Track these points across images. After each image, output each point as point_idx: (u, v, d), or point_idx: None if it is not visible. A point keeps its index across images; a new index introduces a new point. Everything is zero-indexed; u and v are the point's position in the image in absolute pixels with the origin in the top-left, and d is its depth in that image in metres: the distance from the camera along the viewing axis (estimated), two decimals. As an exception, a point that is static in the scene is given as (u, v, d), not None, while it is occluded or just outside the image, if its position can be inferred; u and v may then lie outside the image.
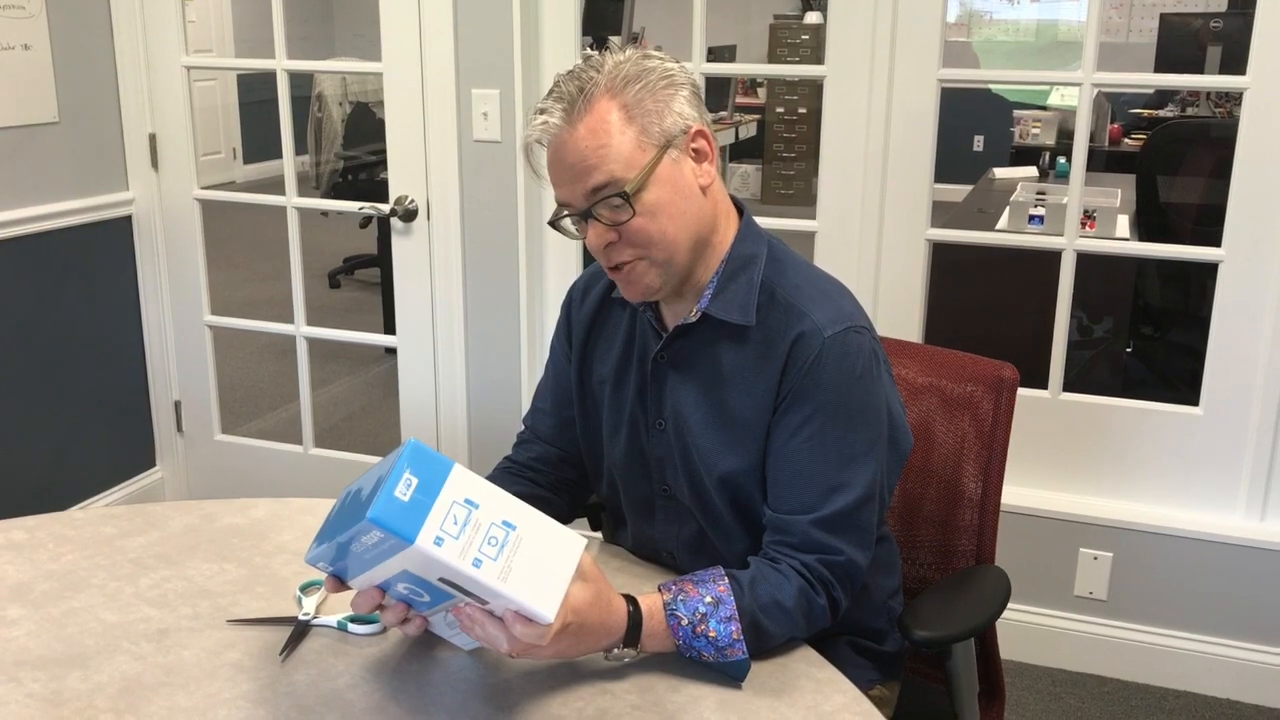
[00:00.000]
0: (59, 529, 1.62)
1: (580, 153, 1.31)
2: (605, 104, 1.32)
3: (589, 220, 1.34)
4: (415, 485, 1.11)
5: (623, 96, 1.32)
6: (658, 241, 1.34)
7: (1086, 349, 3.81)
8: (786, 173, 8.79)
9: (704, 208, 1.38)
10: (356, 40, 9.58)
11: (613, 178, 1.31)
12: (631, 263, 1.36)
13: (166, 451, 3.45)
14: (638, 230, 1.33)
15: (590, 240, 1.35)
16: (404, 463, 1.11)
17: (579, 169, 1.32)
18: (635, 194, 1.31)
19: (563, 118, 1.33)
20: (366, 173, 5.55)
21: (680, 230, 1.35)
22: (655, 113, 1.33)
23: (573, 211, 1.36)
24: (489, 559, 1.12)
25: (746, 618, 1.28)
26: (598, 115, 1.31)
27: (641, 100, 1.32)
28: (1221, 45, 5.84)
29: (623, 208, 1.32)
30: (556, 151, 1.34)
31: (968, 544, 1.71)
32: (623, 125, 1.31)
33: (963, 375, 1.72)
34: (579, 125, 1.32)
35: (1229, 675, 2.60)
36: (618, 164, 1.31)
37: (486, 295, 2.98)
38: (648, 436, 1.49)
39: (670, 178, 1.34)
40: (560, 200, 1.37)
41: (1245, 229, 2.46)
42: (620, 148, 1.31)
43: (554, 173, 1.36)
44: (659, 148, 1.33)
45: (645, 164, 1.32)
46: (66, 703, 1.22)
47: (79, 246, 3.12)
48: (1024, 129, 5.85)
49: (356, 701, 1.23)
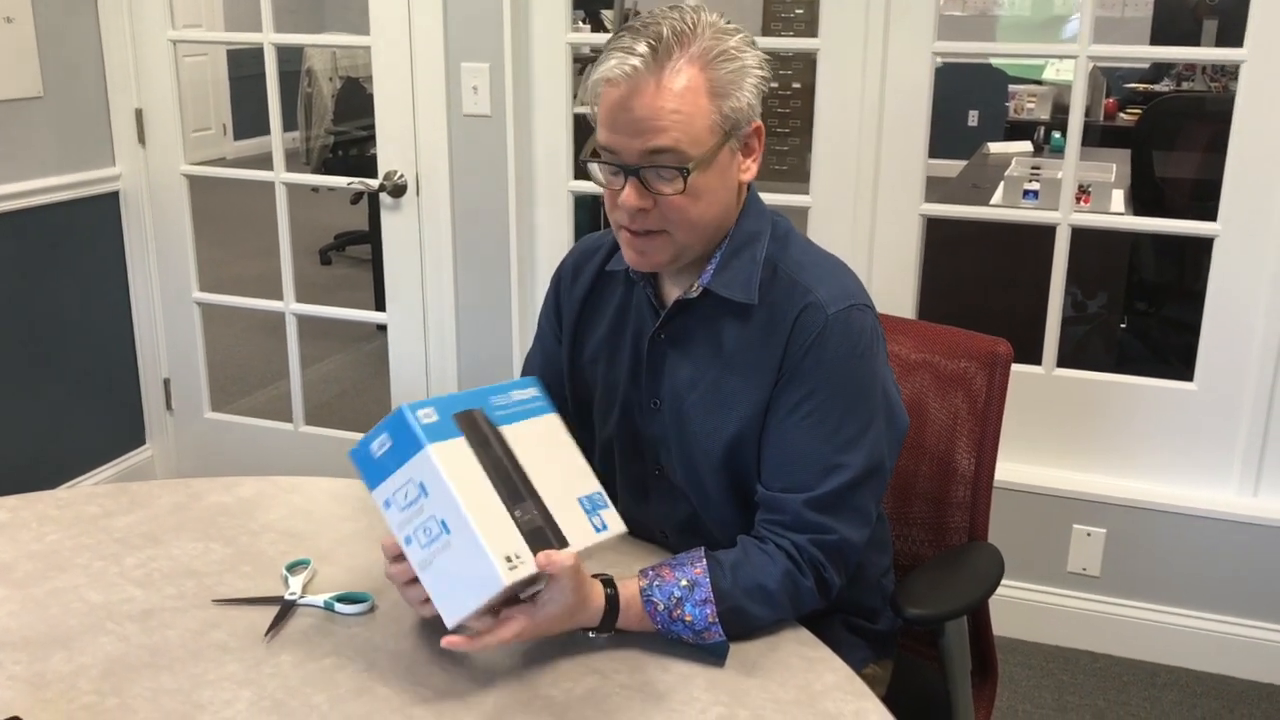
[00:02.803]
0: (43, 508, 1.60)
1: (656, 109, 1.25)
2: (695, 71, 1.26)
3: (632, 178, 1.29)
4: (387, 448, 1.21)
5: (712, 70, 1.27)
6: (690, 224, 1.32)
7: (1081, 325, 3.80)
8: (780, 148, 8.75)
9: (734, 202, 1.37)
10: (346, 14, 9.48)
11: (677, 147, 1.26)
12: (653, 234, 1.33)
13: (156, 429, 3.43)
14: (677, 208, 1.30)
15: (625, 198, 1.29)
16: (385, 425, 1.20)
17: (647, 125, 1.26)
18: (692, 173, 1.28)
19: (646, 65, 1.25)
20: (357, 148, 5.51)
21: (711, 220, 1.34)
22: (733, 96, 1.29)
23: (619, 162, 1.29)
24: (419, 544, 1.19)
25: (726, 601, 1.27)
26: (686, 79, 1.26)
27: (727, 81, 1.28)
28: (1217, 19, 5.82)
29: (674, 181, 1.28)
30: (629, 96, 1.26)
31: (961, 520, 1.70)
32: (703, 99, 1.27)
33: (956, 351, 1.70)
34: (664, 80, 1.25)
35: (1221, 650, 2.60)
36: (687, 136, 1.26)
37: (477, 270, 2.95)
38: (642, 417, 1.47)
39: (723, 166, 1.32)
40: (609, 145, 1.29)
41: (1241, 203, 2.44)
42: (694, 120, 1.26)
43: (616, 116, 1.27)
44: (725, 133, 1.30)
45: (711, 146, 1.28)
46: (49, 684, 1.21)
47: (66, 223, 3.08)
48: (1019, 104, 5.83)
49: (343, 682, 1.22)
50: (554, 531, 1.22)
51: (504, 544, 1.17)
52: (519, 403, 1.30)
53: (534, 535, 1.20)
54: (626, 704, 1.19)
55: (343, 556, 1.49)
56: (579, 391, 1.54)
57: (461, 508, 1.16)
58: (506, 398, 1.30)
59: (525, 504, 1.22)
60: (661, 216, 1.31)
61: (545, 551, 1.19)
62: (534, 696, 1.20)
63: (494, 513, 1.18)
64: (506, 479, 1.22)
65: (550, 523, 1.23)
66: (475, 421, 1.24)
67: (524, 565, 1.18)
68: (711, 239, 1.37)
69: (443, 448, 1.18)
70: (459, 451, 1.20)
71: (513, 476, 1.23)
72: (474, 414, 1.24)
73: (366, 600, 1.36)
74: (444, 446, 1.18)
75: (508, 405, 1.29)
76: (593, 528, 1.27)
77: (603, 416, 1.51)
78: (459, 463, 1.19)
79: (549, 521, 1.23)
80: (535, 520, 1.21)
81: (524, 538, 1.19)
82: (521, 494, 1.22)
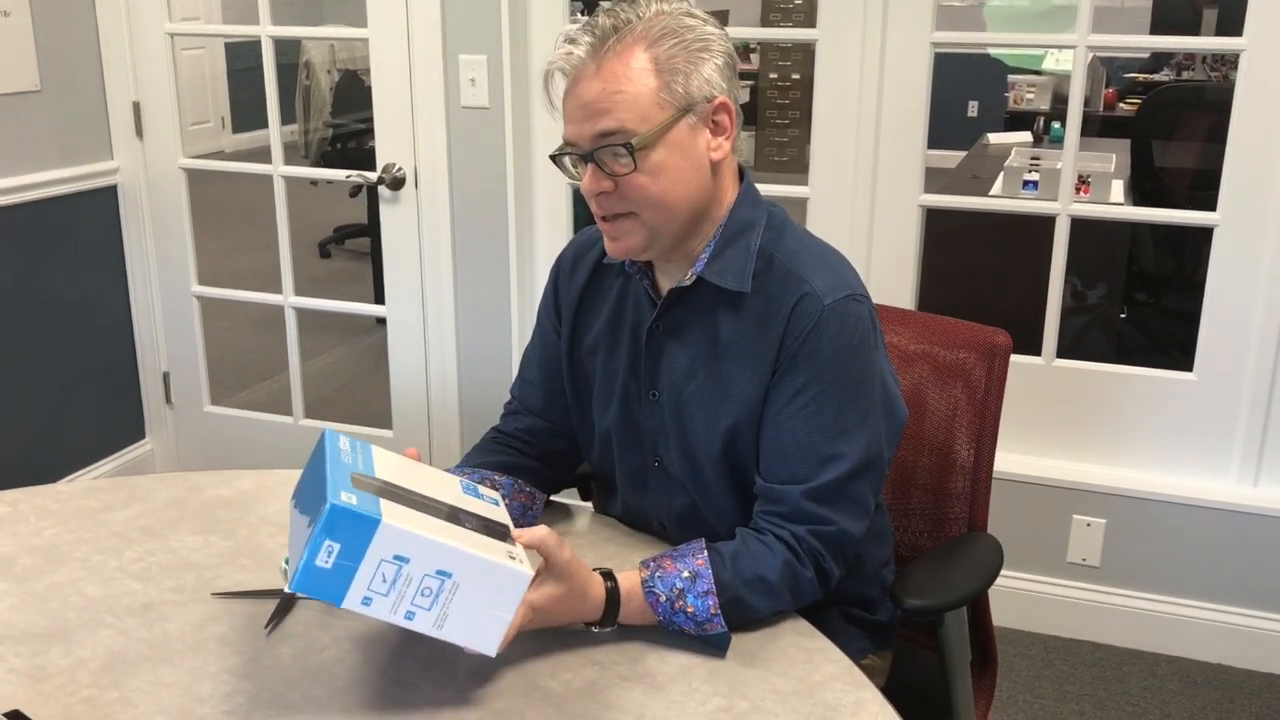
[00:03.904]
0: (41, 502, 1.60)
1: (597, 93, 1.28)
2: (636, 50, 1.29)
3: (589, 163, 1.31)
4: (337, 551, 1.09)
5: (655, 48, 1.29)
6: (655, 203, 1.32)
7: (1081, 315, 3.80)
8: (780, 139, 8.73)
9: (709, 181, 1.36)
10: (344, 6, 9.47)
11: (623, 127, 1.28)
12: (621, 217, 1.34)
13: (156, 423, 3.43)
14: (636, 187, 1.31)
15: (585, 185, 1.33)
16: (323, 531, 1.08)
17: (592, 109, 1.29)
18: (641, 149, 1.28)
19: (588, 52, 1.30)
20: (356, 141, 5.50)
21: (680, 199, 1.33)
22: (683, 73, 1.30)
23: (576, 151, 1.32)
24: (422, 609, 1.13)
25: (727, 592, 1.27)
26: (625, 60, 1.28)
27: (673, 56, 1.29)
28: (1217, 8, 5.81)
29: (625, 159, 1.29)
30: (574, 85, 1.31)
31: (960, 511, 1.70)
32: (647, 77, 1.28)
33: (955, 342, 1.70)
34: (604, 65, 1.29)
35: (1221, 640, 2.61)
36: (631, 114, 1.28)
37: (476, 263, 2.95)
38: (641, 408, 1.47)
39: (682, 143, 1.31)
40: (567, 137, 1.33)
41: (1240, 193, 2.44)
42: (639, 99, 1.28)
43: (567, 106, 1.32)
44: (678, 109, 1.30)
45: (660, 122, 1.29)
46: (49, 677, 1.21)
47: (64, 216, 3.08)
48: (1018, 94, 5.82)
49: (342, 675, 1.22)
50: (494, 526, 1.22)
51: (496, 550, 1.17)
52: (353, 454, 1.22)
53: (495, 533, 1.20)
54: (626, 695, 1.19)
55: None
56: (578, 383, 1.54)
57: (449, 545, 1.13)
58: (343, 457, 1.20)
59: (459, 516, 1.20)
60: (623, 197, 1.32)
61: (516, 531, 1.21)
62: (533, 688, 1.20)
63: (459, 534, 1.17)
64: (431, 508, 1.19)
65: (485, 521, 1.22)
66: (365, 481, 1.17)
67: (521, 556, 1.18)
68: (692, 222, 1.36)
69: (387, 510, 1.12)
70: (394, 508, 1.14)
71: (432, 504, 1.20)
72: (358, 478, 1.17)
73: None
74: (386, 509, 1.12)
75: (352, 461, 1.20)
76: (494, 505, 1.27)
77: (602, 408, 1.51)
78: (405, 515, 1.14)
79: (483, 521, 1.22)
80: (479, 524, 1.21)
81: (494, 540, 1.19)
82: (450, 512, 1.20)
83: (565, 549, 1.22)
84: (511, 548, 1.19)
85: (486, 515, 1.24)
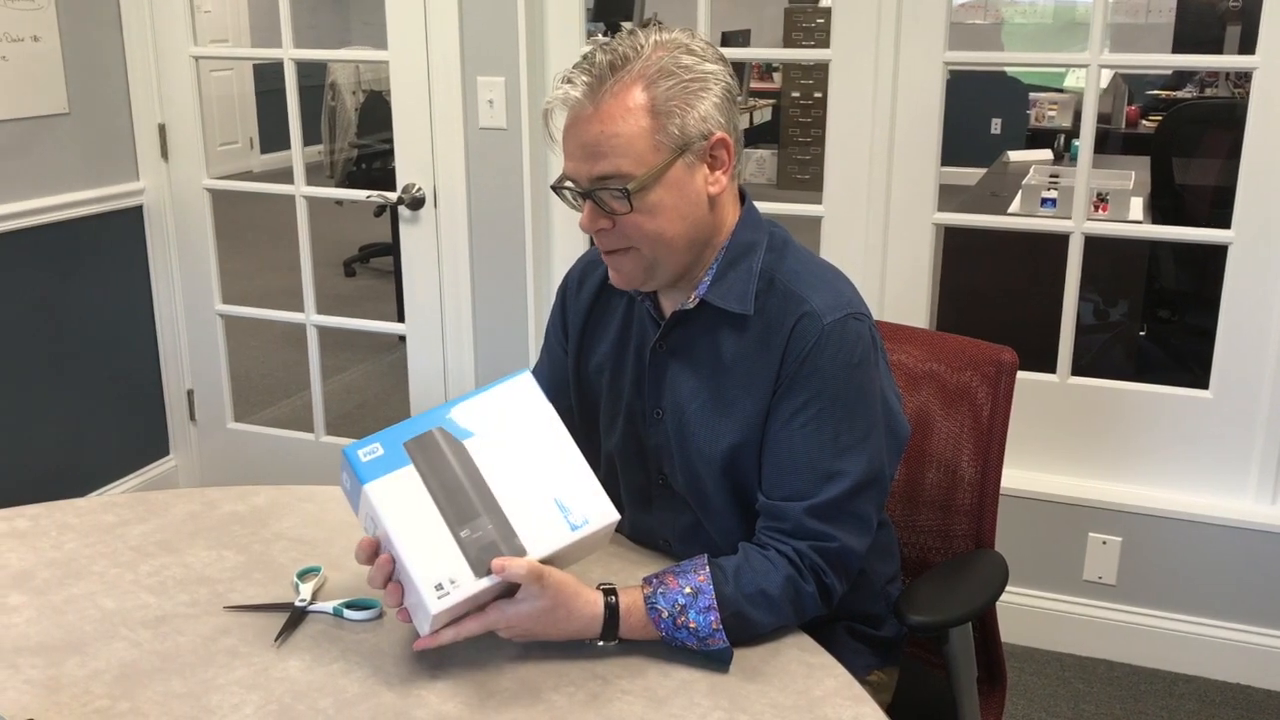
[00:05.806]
0: (62, 517, 1.63)
1: (594, 136, 1.30)
2: (633, 91, 1.30)
3: (587, 200, 1.34)
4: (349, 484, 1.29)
5: (653, 89, 1.30)
6: (652, 240, 1.34)
7: (1101, 333, 3.78)
8: (802, 157, 8.75)
9: (708, 214, 1.37)
10: (369, 29, 9.58)
11: (619, 171, 1.30)
12: (621, 251, 1.36)
13: (180, 440, 3.47)
14: (633, 225, 1.33)
15: (584, 222, 1.36)
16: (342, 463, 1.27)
17: (589, 150, 1.31)
18: (638, 191, 1.30)
19: (586, 93, 1.31)
20: (380, 161, 5.55)
21: (678, 235, 1.35)
22: (679, 114, 1.31)
23: (575, 188, 1.35)
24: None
25: (729, 607, 1.28)
26: (622, 103, 1.29)
27: (670, 98, 1.30)
28: (1241, 25, 5.78)
29: (622, 200, 1.31)
30: (573, 124, 1.33)
31: (968, 528, 1.70)
32: (643, 120, 1.29)
33: (962, 360, 1.71)
34: (600, 106, 1.30)
35: (1240, 660, 2.59)
36: (628, 158, 1.30)
37: (494, 282, 2.98)
38: (645, 426, 1.48)
39: (679, 182, 1.33)
40: (567, 172, 1.36)
41: (1255, 211, 2.43)
42: (635, 142, 1.29)
43: (566, 143, 1.35)
44: (674, 150, 1.31)
45: (657, 165, 1.31)
46: (64, 688, 1.24)
47: (91, 237, 3.14)
48: (1040, 111, 5.80)
49: (350, 687, 1.24)
50: (510, 543, 1.24)
51: (436, 572, 1.21)
52: (499, 403, 1.31)
53: (485, 550, 1.23)
54: (628, 709, 1.21)
55: (353, 563, 1.49)
56: (585, 401, 1.56)
57: (394, 542, 1.22)
58: (482, 401, 1.30)
59: (477, 520, 1.24)
60: (622, 234, 1.34)
61: (499, 559, 1.22)
62: (536, 701, 1.22)
63: (434, 540, 1.22)
64: (457, 499, 1.24)
65: (507, 534, 1.25)
66: (428, 444, 1.26)
67: (459, 588, 1.21)
68: (687, 252, 1.38)
69: (382, 484, 1.23)
70: (402, 483, 1.24)
71: (467, 494, 1.25)
72: (428, 436, 1.27)
73: (374, 607, 1.38)
74: (384, 482, 1.24)
75: (483, 410, 1.30)
76: (568, 526, 1.28)
77: (608, 426, 1.53)
78: (400, 495, 1.23)
79: (505, 533, 1.25)
80: (487, 536, 1.24)
81: (470, 558, 1.22)
82: (474, 511, 1.24)
83: (544, 577, 1.23)
84: (457, 577, 1.21)
85: (517, 530, 1.25)
